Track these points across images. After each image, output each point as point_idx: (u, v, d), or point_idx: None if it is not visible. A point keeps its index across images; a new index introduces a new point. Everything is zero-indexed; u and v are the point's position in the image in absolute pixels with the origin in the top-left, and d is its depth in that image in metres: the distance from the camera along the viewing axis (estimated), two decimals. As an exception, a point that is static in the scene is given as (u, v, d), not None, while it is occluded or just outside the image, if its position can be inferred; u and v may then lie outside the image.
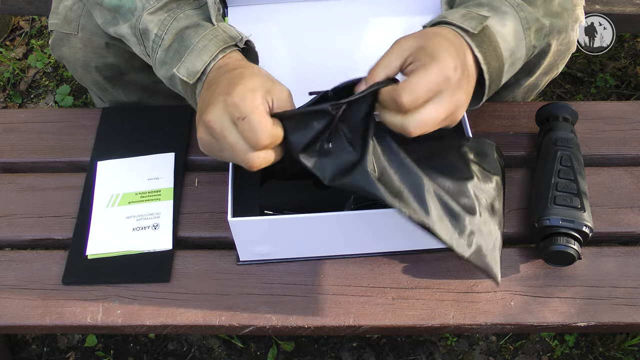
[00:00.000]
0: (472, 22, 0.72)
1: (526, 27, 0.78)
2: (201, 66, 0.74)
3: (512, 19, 0.76)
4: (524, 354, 1.32)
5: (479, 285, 0.84)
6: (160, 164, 0.95)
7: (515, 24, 0.76)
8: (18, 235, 0.91)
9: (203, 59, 0.74)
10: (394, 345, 1.32)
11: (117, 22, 0.85)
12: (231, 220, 0.78)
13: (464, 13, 0.74)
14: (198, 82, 0.75)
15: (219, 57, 0.75)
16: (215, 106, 0.67)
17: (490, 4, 0.76)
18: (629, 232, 0.90)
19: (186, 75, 0.75)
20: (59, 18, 0.99)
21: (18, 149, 1.01)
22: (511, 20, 0.76)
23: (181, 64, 0.76)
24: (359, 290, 0.84)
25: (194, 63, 0.75)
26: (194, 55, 0.75)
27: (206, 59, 0.74)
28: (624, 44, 1.79)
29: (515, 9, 0.77)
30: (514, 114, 1.02)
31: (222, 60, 0.74)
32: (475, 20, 0.73)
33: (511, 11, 0.76)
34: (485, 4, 0.76)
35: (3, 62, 1.80)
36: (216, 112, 0.67)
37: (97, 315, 0.83)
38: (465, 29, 0.72)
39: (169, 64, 0.79)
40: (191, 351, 1.32)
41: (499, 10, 0.76)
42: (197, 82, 0.75)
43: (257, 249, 0.84)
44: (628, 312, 0.82)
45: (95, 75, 1.03)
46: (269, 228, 0.80)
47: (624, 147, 0.98)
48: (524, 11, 0.77)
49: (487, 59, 0.72)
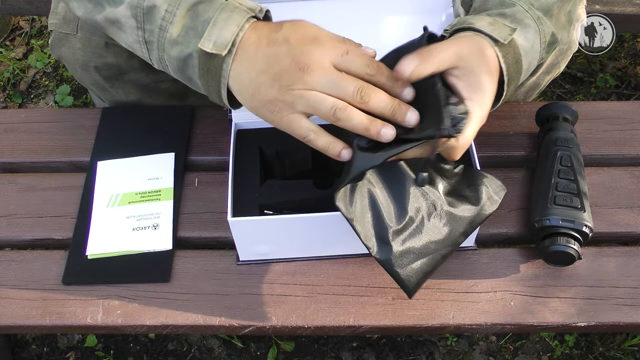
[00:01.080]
0: (502, 33, 0.72)
1: (543, 40, 0.77)
2: (230, 36, 0.68)
3: (533, 33, 0.76)
4: (524, 354, 1.32)
5: (479, 285, 0.84)
6: (160, 164, 0.95)
7: (535, 38, 0.76)
8: (18, 235, 0.91)
9: (231, 29, 0.69)
10: (394, 345, 1.32)
11: (103, 7, 0.77)
12: (231, 220, 0.78)
13: (491, 21, 0.73)
14: (228, 54, 0.69)
15: (246, 28, 0.69)
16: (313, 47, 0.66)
17: (513, 16, 0.75)
18: (629, 232, 0.90)
19: (214, 47, 0.69)
20: (58, 18, 0.99)
21: (18, 149, 1.01)
22: (532, 34, 0.76)
23: (204, 38, 0.69)
24: (359, 290, 0.84)
25: (221, 34, 0.69)
26: (218, 26, 0.69)
27: (234, 29, 0.69)
28: (624, 44, 1.80)
29: (536, 22, 0.76)
30: (514, 114, 1.02)
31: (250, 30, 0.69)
32: (505, 31, 0.72)
33: (533, 25, 0.76)
34: (509, 15, 0.75)
35: (3, 62, 1.80)
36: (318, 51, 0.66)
37: (97, 315, 0.83)
38: (495, 38, 0.71)
39: (182, 43, 0.72)
40: (191, 351, 1.32)
41: (522, 22, 0.75)
42: (227, 55, 0.69)
43: (257, 248, 0.84)
44: (628, 312, 0.82)
45: (95, 75, 1.03)
46: (268, 228, 0.80)
47: (624, 147, 0.98)
48: (543, 25, 0.77)
49: (509, 71, 0.73)
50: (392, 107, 0.67)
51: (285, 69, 0.66)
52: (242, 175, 0.87)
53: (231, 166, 0.83)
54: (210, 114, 1.03)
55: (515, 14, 0.75)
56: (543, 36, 0.77)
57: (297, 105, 0.67)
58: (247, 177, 0.88)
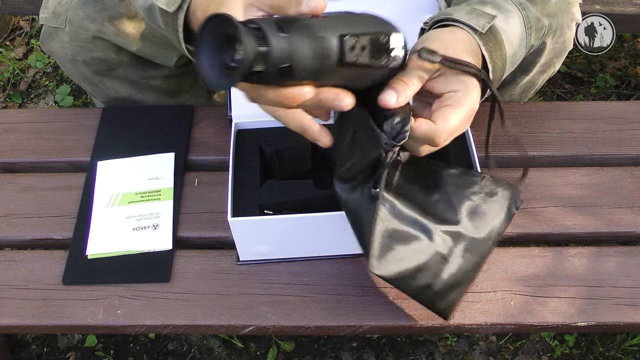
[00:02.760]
0: (479, 21, 0.71)
1: (528, 26, 0.77)
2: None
3: (516, 18, 0.75)
4: (524, 354, 1.32)
5: (479, 285, 0.84)
6: (160, 164, 0.95)
7: (519, 23, 0.76)
8: (18, 235, 0.91)
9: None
10: (394, 345, 1.32)
11: None
12: (231, 220, 0.78)
13: (469, 10, 0.73)
14: (179, 10, 0.67)
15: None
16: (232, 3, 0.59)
17: (494, 2, 0.75)
18: (629, 232, 0.90)
19: (165, 3, 0.67)
20: (48, 12, 0.99)
21: (18, 149, 1.01)
22: (515, 19, 0.75)
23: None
24: (359, 290, 0.84)
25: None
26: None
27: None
28: (624, 44, 1.79)
29: (519, 7, 0.76)
30: (514, 114, 1.02)
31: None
32: (483, 18, 0.71)
33: (515, 10, 0.75)
34: (489, 2, 0.75)
35: (3, 62, 1.80)
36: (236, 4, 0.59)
37: (97, 315, 0.83)
38: (473, 27, 0.70)
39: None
40: (191, 351, 1.32)
41: (503, 8, 0.75)
42: (178, 11, 0.67)
43: (257, 248, 0.84)
44: (628, 312, 0.82)
45: (84, 70, 1.03)
46: (268, 228, 0.80)
47: (624, 147, 0.98)
48: (526, 10, 0.77)
49: (492, 58, 0.72)
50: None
51: None
52: (242, 175, 0.87)
53: (231, 166, 0.83)
54: (210, 114, 1.03)
55: (496, 0, 0.75)
56: (527, 22, 0.76)
57: None
58: (247, 177, 0.88)
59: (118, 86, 1.08)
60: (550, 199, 0.92)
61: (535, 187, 0.93)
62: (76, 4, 0.97)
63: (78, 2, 0.97)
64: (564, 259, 0.87)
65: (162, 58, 1.05)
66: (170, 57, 1.05)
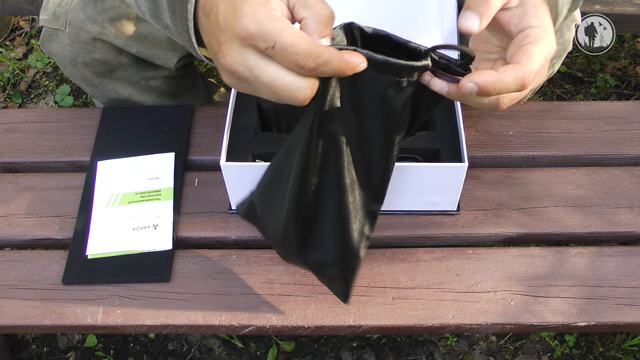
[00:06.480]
0: None
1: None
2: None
3: None
4: (524, 354, 1.32)
5: (479, 285, 0.84)
6: (160, 164, 0.95)
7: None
8: (18, 235, 0.91)
9: None
10: (394, 345, 1.32)
11: None
12: (223, 164, 0.80)
13: None
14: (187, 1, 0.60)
15: None
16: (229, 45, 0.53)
17: None
18: (629, 232, 0.90)
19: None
20: (48, 14, 0.99)
21: (18, 149, 1.01)
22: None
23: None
24: (359, 290, 0.84)
25: None
26: None
27: None
28: (624, 44, 1.80)
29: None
30: (514, 114, 1.02)
31: None
32: None
33: None
34: None
35: (3, 62, 1.80)
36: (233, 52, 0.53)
37: (97, 315, 0.83)
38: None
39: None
40: (191, 351, 1.32)
41: None
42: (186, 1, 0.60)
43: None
44: (628, 312, 0.82)
45: (84, 71, 1.03)
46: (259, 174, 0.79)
47: (624, 147, 0.98)
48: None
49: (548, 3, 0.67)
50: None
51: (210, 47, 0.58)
52: (239, 126, 0.90)
53: (229, 116, 0.86)
54: (210, 113, 1.03)
55: None
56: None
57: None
58: (243, 129, 0.91)
59: (118, 87, 1.08)
60: (550, 199, 0.92)
61: (535, 187, 0.93)
62: (76, 5, 0.97)
63: (78, 4, 0.97)
64: (564, 259, 0.87)
65: (162, 59, 1.05)
66: (171, 59, 1.05)
